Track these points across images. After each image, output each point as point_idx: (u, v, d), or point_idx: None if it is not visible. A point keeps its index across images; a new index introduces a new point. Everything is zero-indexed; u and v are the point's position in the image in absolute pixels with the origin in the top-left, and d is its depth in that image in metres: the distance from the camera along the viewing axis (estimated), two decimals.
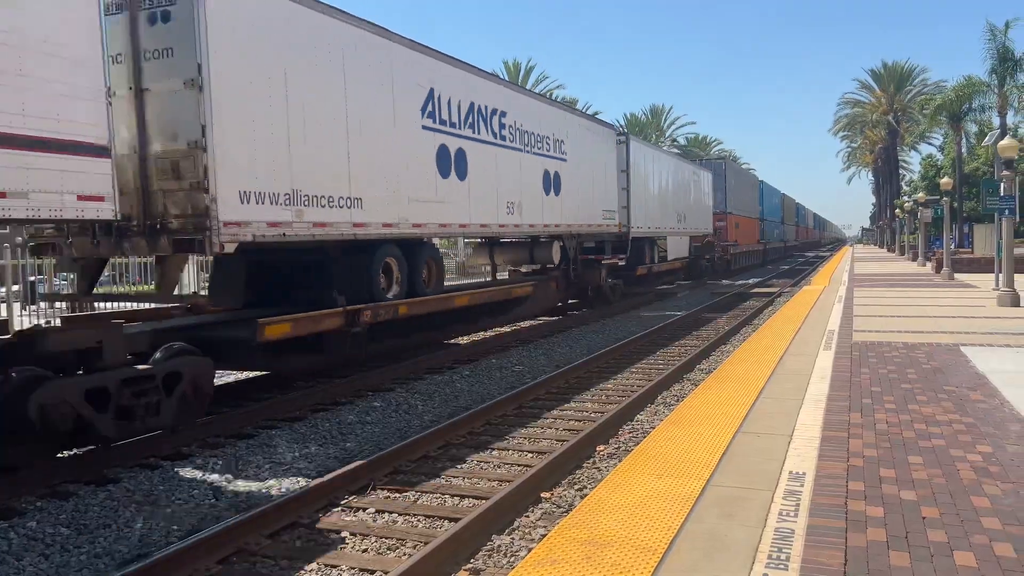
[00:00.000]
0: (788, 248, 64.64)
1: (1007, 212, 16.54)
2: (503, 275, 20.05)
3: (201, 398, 8.18)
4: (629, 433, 8.54)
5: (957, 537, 3.96)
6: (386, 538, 5.66)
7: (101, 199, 6.74)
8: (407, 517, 6.10)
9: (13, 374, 6.74)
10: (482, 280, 18.68)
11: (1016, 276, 16.30)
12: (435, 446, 7.96)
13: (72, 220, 6.98)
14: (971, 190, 47.57)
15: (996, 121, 38.86)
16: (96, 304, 12.22)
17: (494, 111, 14.46)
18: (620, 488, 4.82)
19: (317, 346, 10.41)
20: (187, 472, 7.17)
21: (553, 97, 54.14)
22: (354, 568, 5.17)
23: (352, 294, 10.69)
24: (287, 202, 9.22)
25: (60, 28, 6.42)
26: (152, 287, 9.47)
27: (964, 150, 48.09)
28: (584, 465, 7.39)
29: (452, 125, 12.95)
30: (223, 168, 8.28)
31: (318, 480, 6.65)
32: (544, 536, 4.87)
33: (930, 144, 67.01)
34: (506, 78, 57.11)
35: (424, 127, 12.17)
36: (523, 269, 19.03)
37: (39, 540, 5.62)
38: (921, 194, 40.88)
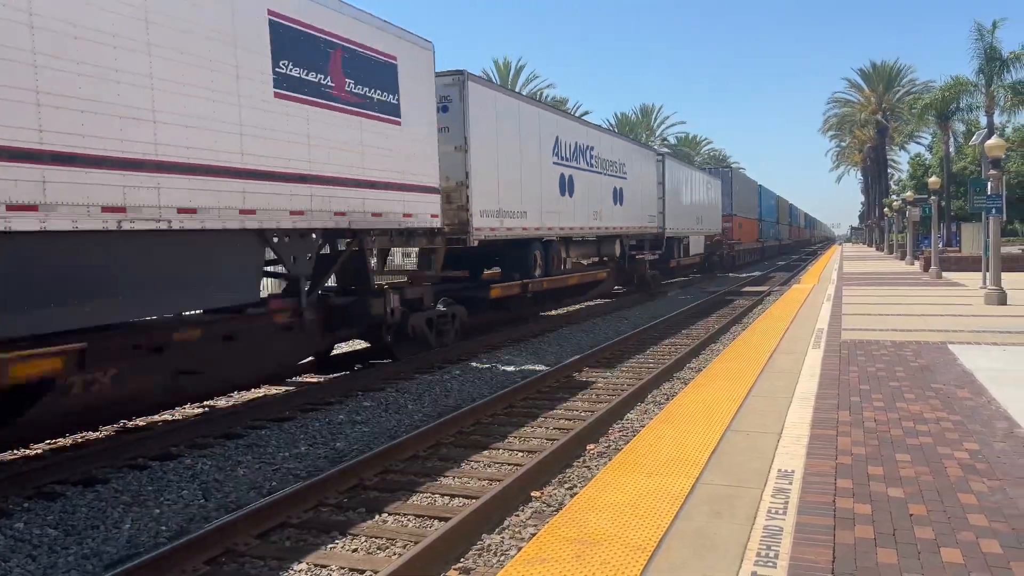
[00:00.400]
0: (782, 246, 69.05)
1: (994, 211, 16.65)
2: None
3: (463, 330, 14.27)
4: (619, 432, 8.55)
5: (944, 534, 3.98)
6: (376, 538, 5.65)
7: (437, 216, 12.53)
8: (397, 517, 6.09)
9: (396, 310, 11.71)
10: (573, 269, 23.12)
11: (1003, 274, 16.40)
12: (425, 446, 7.95)
13: (427, 228, 12.48)
14: (959, 189, 47.91)
15: (983, 120, 39.15)
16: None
17: (588, 147, 20.49)
18: (610, 487, 4.83)
19: (504, 306, 16.67)
20: (176, 472, 7.14)
21: (542, 97, 54.36)
22: (344, 567, 5.16)
23: (519, 273, 16.75)
24: (496, 215, 15.16)
25: (428, 126, 12.29)
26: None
27: (952, 149, 48.38)
28: (574, 464, 7.39)
29: (567, 160, 18.96)
30: (474, 197, 14.25)
31: (308, 480, 6.63)
32: (534, 535, 4.87)
33: (918, 143, 67.47)
34: (496, 77, 57.23)
35: (554, 162, 18.19)
36: (584, 262, 22.68)
37: (26, 541, 5.58)
38: (909, 193, 41.11)
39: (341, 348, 13.35)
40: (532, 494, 6.49)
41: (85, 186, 6.59)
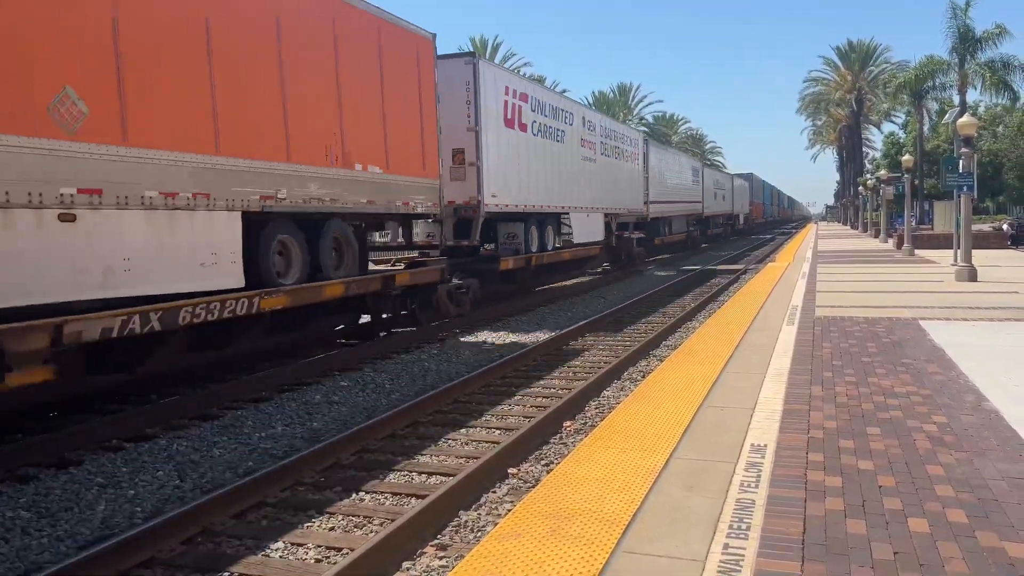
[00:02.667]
0: (774, 221, 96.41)
1: (966, 189, 16.85)
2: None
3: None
4: (596, 409, 8.60)
5: (912, 505, 4.06)
6: (353, 516, 5.66)
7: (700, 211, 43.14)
8: (374, 495, 6.10)
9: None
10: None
11: (974, 251, 16.63)
12: (402, 424, 7.95)
13: (697, 214, 42.57)
14: (932, 168, 48.39)
15: (956, 99, 39.49)
16: None
17: (717, 180, 50.18)
18: (586, 462, 4.87)
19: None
20: (151, 454, 7.10)
21: (521, 74, 54.49)
22: (320, 546, 5.16)
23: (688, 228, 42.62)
24: (710, 208, 47.84)
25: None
26: None
27: (926, 128, 48.77)
28: (551, 441, 7.44)
29: (712, 188, 46.65)
30: (706, 203, 44.01)
31: (285, 460, 6.61)
32: (511, 511, 4.90)
33: (893, 122, 67.91)
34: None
35: (693, 181, 40.61)
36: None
37: None
38: (883, 172, 41.48)
39: None
40: (509, 471, 6.53)
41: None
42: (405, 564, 4.86)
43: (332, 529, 5.48)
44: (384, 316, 12.95)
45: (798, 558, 3.47)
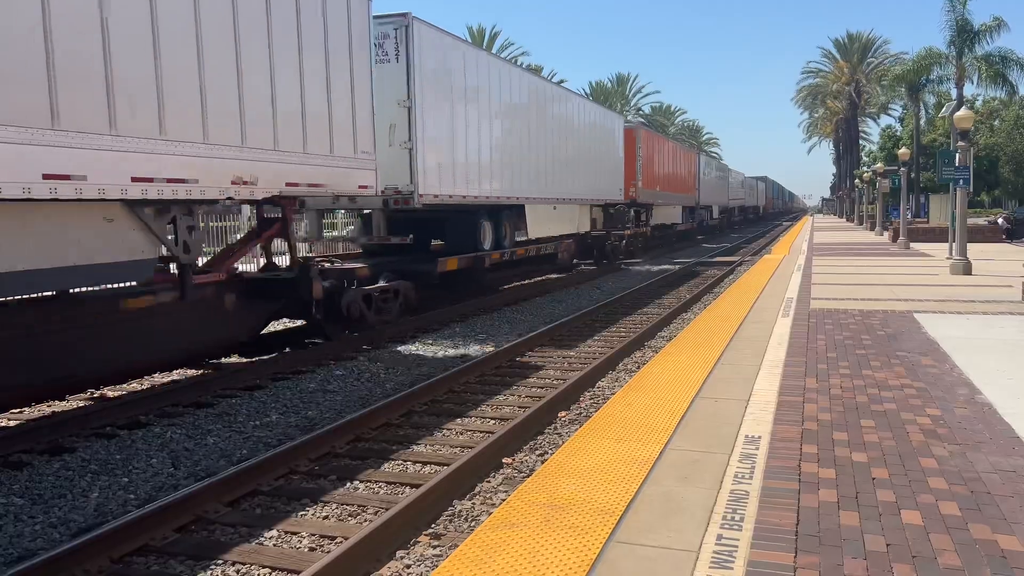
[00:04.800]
0: (780, 213, 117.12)
1: (961, 182, 16.86)
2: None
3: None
4: (590, 399, 8.61)
5: (905, 497, 4.07)
6: (347, 504, 5.66)
7: (743, 204, 69.01)
8: (368, 484, 6.10)
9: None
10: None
11: (969, 245, 16.66)
12: (397, 414, 7.95)
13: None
14: (928, 161, 48.46)
15: (954, 92, 39.44)
16: None
17: (742, 180, 66.12)
18: (580, 452, 4.87)
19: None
20: (145, 441, 7.09)
21: (518, 63, 54.60)
22: (315, 534, 5.16)
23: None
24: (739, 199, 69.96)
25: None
26: None
27: (923, 121, 48.74)
28: (546, 431, 7.44)
29: (740, 188, 64.46)
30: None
31: (279, 448, 6.61)
32: (505, 500, 4.90)
33: (890, 115, 67.89)
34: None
35: (740, 185, 64.44)
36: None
37: None
38: (879, 164, 41.45)
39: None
40: (504, 460, 6.53)
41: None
42: (399, 553, 4.86)
43: (326, 518, 5.48)
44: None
45: (791, 549, 3.48)
